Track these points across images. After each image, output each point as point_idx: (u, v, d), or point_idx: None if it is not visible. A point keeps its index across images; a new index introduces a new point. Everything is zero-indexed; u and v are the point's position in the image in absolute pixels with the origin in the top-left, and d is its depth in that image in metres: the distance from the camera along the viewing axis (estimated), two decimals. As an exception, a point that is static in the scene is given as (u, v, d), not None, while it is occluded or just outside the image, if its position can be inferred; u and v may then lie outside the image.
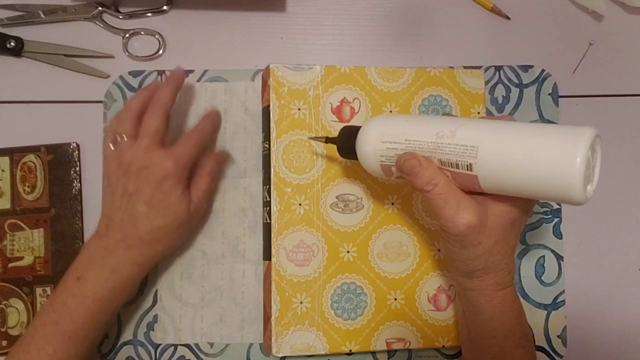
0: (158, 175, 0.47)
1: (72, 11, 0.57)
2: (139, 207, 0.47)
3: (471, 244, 0.40)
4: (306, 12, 0.59)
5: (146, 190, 0.47)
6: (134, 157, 0.48)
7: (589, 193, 0.37)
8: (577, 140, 0.35)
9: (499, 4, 0.59)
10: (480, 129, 0.39)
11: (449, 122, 0.41)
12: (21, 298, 0.54)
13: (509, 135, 0.38)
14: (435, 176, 0.40)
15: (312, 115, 0.53)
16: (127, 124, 0.49)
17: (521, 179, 0.37)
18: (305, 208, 0.52)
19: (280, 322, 0.50)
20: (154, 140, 0.48)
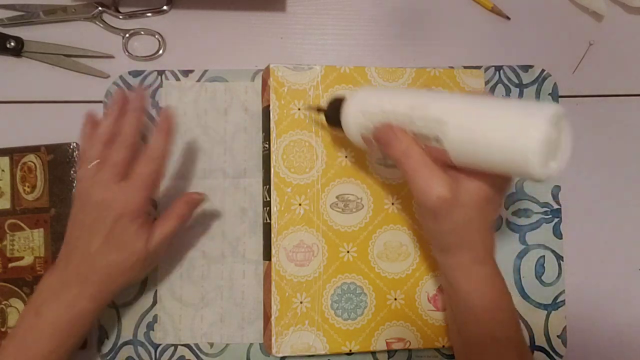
0: (114, 211, 0.45)
1: (72, 11, 0.57)
2: (95, 242, 0.45)
3: (443, 217, 0.40)
4: (306, 12, 0.59)
5: (101, 225, 0.45)
6: (94, 188, 0.46)
7: (552, 170, 0.37)
8: (536, 117, 0.35)
9: (499, 4, 0.59)
10: (451, 103, 0.39)
11: (424, 95, 0.41)
12: (21, 298, 0.54)
13: (475, 110, 0.38)
14: (409, 148, 0.40)
15: (312, 115, 0.52)
16: (95, 148, 0.47)
17: (485, 153, 0.37)
18: (305, 208, 0.52)
19: (280, 322, 0.50)
20: (115, 173, 0.46)
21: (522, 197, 0.57)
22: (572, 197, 0.58)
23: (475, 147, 0.37)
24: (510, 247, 0.56)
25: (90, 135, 0.49)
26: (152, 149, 0.47)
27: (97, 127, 0.49)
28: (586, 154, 0.59)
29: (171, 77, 0.56)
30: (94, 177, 0.46)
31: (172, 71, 0.56)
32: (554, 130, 0.36)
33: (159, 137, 0.48)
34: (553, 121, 0.35)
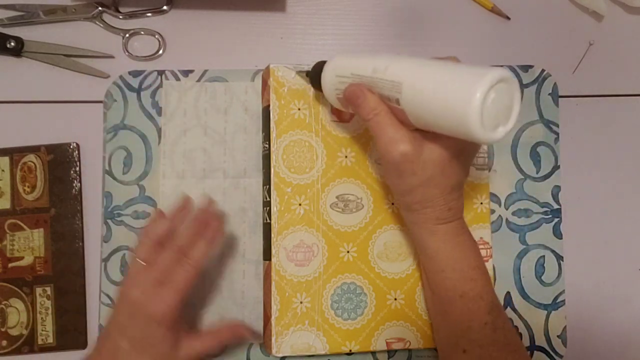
0: (143, 314, 0.45)
1: (72, 11, 0.57)
2: (123, 342, 0.45)
3: (405, 173, 0.42)
4: (306, 12, 0.59)
5: (130, 325, 0.46)
6: (133, 287, 0.46)
7: (499, 134, 0.38)
8: (477, 80, 0.36)
9: (499, 4, 0.59)
10: (407, 66, 0.41)
11: (386, 58, 0.42)
12: (21, 298, 0.54)
13: (427, 73, 0.39)
14: (377, 106, 0.42)
15: (312, 115, 0.53)
16: (144, 248, 0.48)
17: (434, 115, 0.38)
18: (305, 208, 0.52)
19: (280, 322, 0.50)
20: (157, 278, 0.46)
21: (522, 197, 0.57)
22: (572, 197, 0.58)
23: (425, 108, 0.39)
24: (510, 247, 0.56)
25: (151, 233, 0.48)
26: (193, 257, 0.47)
27: (159, 224, 0.49)
28: (586, 154, 0.59)
29: (171, 77, 0.56)
30: (137, 277, 0.47)
31: (172, 71, 0.56)
32: (499, 94, 0.36)
33: (202, 246, 0.48)
34: (495, 85, 0.36)
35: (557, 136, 0.58)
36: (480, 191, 0.54)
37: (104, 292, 0.54)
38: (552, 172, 0.57)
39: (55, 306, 0.54)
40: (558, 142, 0.58)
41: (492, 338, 0.44)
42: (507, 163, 0.57)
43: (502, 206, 0.57)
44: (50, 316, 0.54)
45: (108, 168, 0.55)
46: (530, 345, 0.55)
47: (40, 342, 0.54)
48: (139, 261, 0.47)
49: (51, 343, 0.54)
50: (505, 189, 0.57)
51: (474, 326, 0.44)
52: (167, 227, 0.48)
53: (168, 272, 0.47)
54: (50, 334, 0.54)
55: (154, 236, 0.48)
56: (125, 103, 0.56)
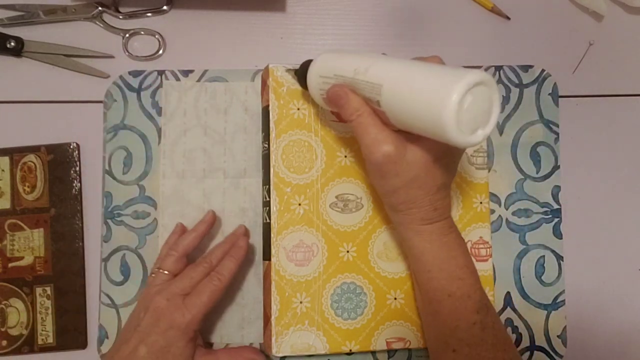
0: (166, 322, 0.46)
1: (72, 11, 0.57)
2: (141, 348, 0.46)
3: (389, 174, 0.42)
4: (306, 12, 0.59)
5: (152, 332, 0.46)
6: (158, 295, 0.47)
7: (478, 137, 0.37)
8: (453, 83, 0.35)
9: (499, 4, 0.59)
10: (387, 67, 0.40)
11: (367, 59, 0.42)
12: (21, 298, 0.54)
13: (406, 75, 0.39)
14: (360, 107, 0.42)
15: (312, 115, 0.53)
16: (171, 260, 0.50)
17: (413, 118, 0.38)
18: (305, 208, 0.52)
19: (280, 322, 0.50)
20: (184, 288, 0.48)
21: (522, 197, 0.57)
22: (572, 197, 0.58)
23: (404, 111, 0.38)
24: (510, 247, 0.56)
25: (174, 244, 0.51)
26: (221, 272, 0.49)
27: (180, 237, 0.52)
28: (586, 154, 0.59)
29: (171, 77, 0.56)
30: (162, 285, 0.49)
31: (172, 71, 0.56)
32: (477, 97, 0.36)
33: (229, 263, 0.50)
34: (472, 88, 0.35)
35: (557, 136, 0.58)
36: (480, 191, 0.54)
37: (104, 292, 0.54)
38: (552, 172, 0.57)
39: (55, 306, 0.54)
40: (558, 142, 0.58)
41: (480, 337, 0.44)
42: (507, 163, 0.57)
43: (502, 206, 0.57)
44: (50, 316, 0.54)
45: (108, 168, 0.55)
46: (530, 345, 0.55)
47: (40, 342, 0.54)
48: (163, 271, 0.49)
49: (51, 343, 0.54)
50: (505, 189, 0.57)
51: (462, 325, 0.44)
52: (193, 241, 0.51)
53: (195, 284, 0.48)
54: (50, 334, 0.54)
55: (181, 249, 0.50)
56: (125, 103, 0.56)
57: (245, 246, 0.51)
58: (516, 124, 0.57)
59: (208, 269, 0.50)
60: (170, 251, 0.50)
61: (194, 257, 0.53)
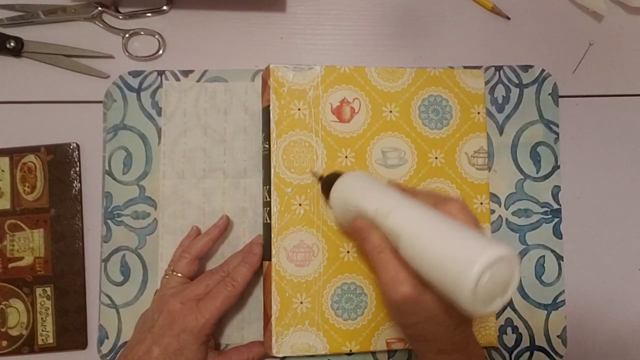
0: (180, 325, 0.47)
1: (71, 11, 0.57)
2: (155, 349, 0.47)
3: (407, 312, 0.41)
4: (306, 12, 0.59)
5: (166, 334, 0.47)
6: (172, 298, 0.48)
7: (495, 305, 0.36)
8: (472, 261, 0.34)
9: (499, 4, 0.59)
10: (408, 218, 0.40)
11: (390, 200, 0.42)
12: (21, 298, 0.54)
13: (426, 233, 0.38)
14: (381, 244, 0.41)
15: (312, 116, 0.53)
16: (184, 262, 0.51)
17: (430, 277, 0.37)
18: (306, 208, 0.52)
19: (281, 322, 0.50)
20: (199, 294, 0.49)
21: (522, 197, 0.57)
22: (572, 197, 0.58)
23: (421, 268, 0.38)
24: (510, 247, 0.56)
25: (187, 247, 0.52)
26: (235, 278, 0.50)
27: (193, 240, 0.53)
28: (586, 154, 0.59)
29: (171, 77, 0.56)
30: (176, 288, 0.50)
31: (172, 71, 0.56)
32: (496, 272, 0.35)
33: (243, 269, 0.51)
34: (492, 265, 0.34)
35: (557, 136, 0.58)
36: (480, 191, 0.54)
37: (104, 292, 0.54)
38: (552, 172, 0.57)
39: (55, 306, 0.54)
40: (558, 142, 0.58)
41: None
42: (507, 163, 0.57)
43: (502, 206, 0.57)
44: (51, 316, 0.54)
45: (108, 168, 0.55)
46: (530, 345, 0.55)
47: (41, 342, 0.54)
48: (177, 274, 0.50)
49: (51, 343, 0.54)
50: (505, 189, 0.57)
51: None
52: (206, 244, 0.52)
53: (210, 289, 0.49)
54: (50, 334, 0.54)
55: (193, 252, 0.51)
56: (125, 103, 0.56)
57: (259, 253, 0.52)
58: (516, 124, 0.57)
59: (224, 277, 0.50)
60: (184, 254, 0.51)
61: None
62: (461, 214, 0.40)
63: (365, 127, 0.53)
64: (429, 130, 0.54)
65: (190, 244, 0.52)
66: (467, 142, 0.55)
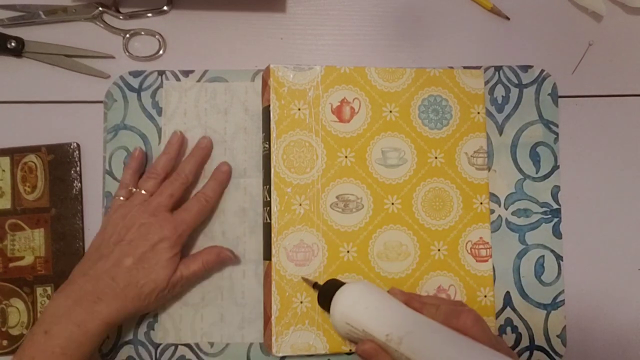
0: (159, 234, 0.49)
1: (72, 11, 0.57)
2: (127, 260, 0.48)
3: None
4: (306, 13, 0.59)
5: (140, 245, 0.48)
6: (141, 212, 0.50)
7: None
8: None
9: (498, 4, 0.59)
10: (423, 343, 0.39)
11: (401, 322, 0.41)
12: (22, 298, 0.54)
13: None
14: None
15: (312, 116, 0.53)
16: (151, 182, 0.52)
17: None
18: (306, 208, 0.52)
19: (281, 321, 0.50)
20: (166, 203, 0.51)
21: (522, 197, 0.57)
22: (572, 197, 0.58)
23: None
24: (510, 247, 0.56)
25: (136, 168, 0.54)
26: (206, 193, 0.53)
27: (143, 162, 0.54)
28: (586, 154, 0.59)
29: (171, 78, 0.56)
30: (142, 204, 0.51)
31: (172, 71, 0.56)
32: None
33: (214, 184, 0.54)
34: None
35: (557, 136, 0.58)
36: (480, 191, 0.55)
37: (105, 291, 0.54)
38: (552, 172, 0.57)
39: (55, 306, 0.54)
40: (557, 142, 0.58)
41: None
42: (507, 163, 0.57)
43: (501, 206, 0.57)
44: (51, 316, 0.54)
45: (108, 168, 0.55)
46: (530, 345, 0.56)
47: (41, 341, 0.54)
48: (141, 191, 0.51)
49: (52, 343, 0.54)
50: (505, 189, 0.57)
51: None
52: (168, 162, 0.53)
53: (176, 200, 0.51)
54: (50, 333, 0.54)
55: (160, 171, 0.52)
56: (125, 103, 0.56)
57: (228, 170, 0.54)
58: (516, 124, 0.58)
59: (185, 184, 0.52)
60: (150, 174, 0.52)
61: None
62: (475, 327, 0.40)
63: (365, 127, 0.53)
64: (429, 130, 0.54)
65: (154, 163, 0.53)
66: (466, 142, 0.55)
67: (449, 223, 0.54)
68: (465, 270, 0.54)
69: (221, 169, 0.54)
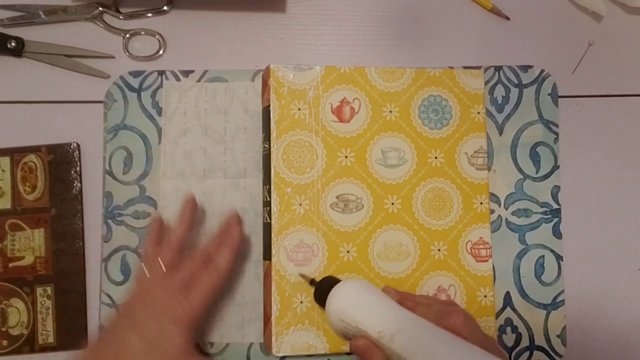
0: (168, 316, 0.45)
1: (72, 11, 0.57)
2: (134, 339, 0.44)
3: None
4: (306, 13, 0.59)
5: (154, 325, 0.45)
6: (160, 291, 0.47)
7: None
8: None
9: (498, 4, 0.59)
10: (414, 340, 0.39)
11: (393, 319, 0.41)
12: (22, 298, 0.54)
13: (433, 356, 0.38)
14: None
15: (312, 116, 0.53)
16: (168, 254, 0.49)
17: None
18: (306, 208, 0.52)
19: (281, 321, 0.50)
20: (185, 283, 0.47)
21: (522, 197, 0.57)
22: (572, 197, 0.58)
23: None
24: (510, 247, 0.56)
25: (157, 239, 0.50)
26: (218, 265, 0.49)
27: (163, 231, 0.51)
28: (586, 154, 0.59)
29: (171, 78, 0.56)
30: (161, 279, 0.47)
31: (172, 71, 0.56)
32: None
33: (225, 254, 0.49)
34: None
35: (557, 136, 0.58)
36: (480, 191, 0.55)
37: (105, 292, 0.54)
38: (552, 172, 0.57)
39: (55, 306, 0.54)
40: (557, 142, 0.58)
41: None
42: (507, 163, 0.57)
43: (501, 206, 0.57)
44: (51, 316, 0.54)
45: (108, 168, 0.55)
46: (530, 345, 0.56)
47: (41, 341, 0.54)
48: (160, 263, 0.48)
49: (52, 343, 0.54)
50: (505, 189, 0.57)
51: None
52: (185, 230, 0.50)
53: (194, 277, 0.48)
54: (50, 333, 0.54)
55: (175, 241, 0.50)
56: (125, 103, 0.56)
57: (238, 235, 0.50)
58: (516, 124, 0.58)
59: (206, 261, 0.49)
60: (166, 244, 0.50)
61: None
62: (465, 326, 0.40)
63: (365, 127, 0.53)
64: (429, 130, 0.54)
65: (171, 233, 0.50)
66: (466, 142, 0.55)
67: (449, 223, 0.54)
68: (465, 270, 0.54)
69: (232, 234, 0.50)
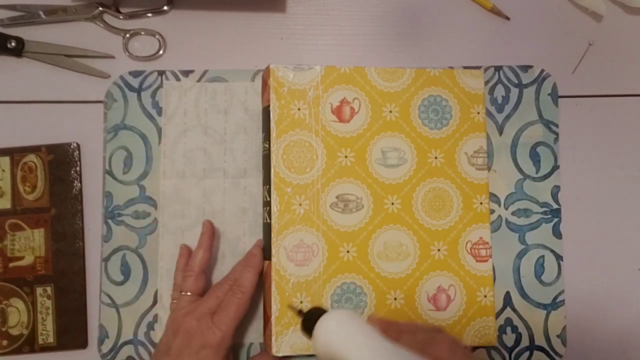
0: (202, 341, 0.47)
1: (72, 11, 0.57)
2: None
3: None
4: (306, 12, 0.59)
5: (184, 354, 0.47)
6: (186, 317, 0.48)
7: None
8: None
9: (498, 4, 0.59)
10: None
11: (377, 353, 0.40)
12: (22, 298, 0.54)
13: None
14: None
15: (312, 115, 0.53)
16: (190, 281, 0.51)
17: None
18: (305, 208, 0.52)
19: (280, 321, 0.50)
20: (211, 308, 0.49)
21: (522, 197, 0.57)
22: (572, 197, 0.58)
23: None
24: (510, 247, 0.56)
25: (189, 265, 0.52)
26: (241, 285, 0.50)
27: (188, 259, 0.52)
28: (586, 154, 0.59)
29: (171, 78, 0.56)
30: (189, 307, 0.49)
31: (172, 71, 0.56)
32: None
33: (248, 273, 0.51)
34: None
35: (557, 136, 0.58)
36: (480, 191, 0.55)
37: (104, 291, 0.54)
38: (552, 172, 0.57)
39: (55, 306, 0.54)
40: (557, 142, 0.58)
41: None
42: (507, 163, 0.57)
43: (501, 206, 0.57)
44: (51, 316, 0.54)
45: (108, 168, 0.55)
46: (530, 345, 0.56)
47: (41, 341, 0.54)
48: (186, 293, 0.50)
49: (52, 343, 0.54)
50: (505, 189, 0.57)
51: None
52: (204, 255, 0.52)
53: (222, 300, 0.49)
54: (50, 333, 0.54)
55: (196, 268, 0.51)
56: (125, 103, 0.56)
57: (259, 254, 0.52)
58: (516, 124, 0.58)
59: (232, 286, 0.50)
60: (187, 272, 0.51)
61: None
62: (450, 355, 0.40)
63: (365, 127, 0.53)
64: (429, 130, 0.54)
65: (189, 261, 0.52)
66: (466, 142, 0.55)
67: (449, 223, 0.54)
68: (465, 270, 0.54)
69: (253, 252, 0.53)
